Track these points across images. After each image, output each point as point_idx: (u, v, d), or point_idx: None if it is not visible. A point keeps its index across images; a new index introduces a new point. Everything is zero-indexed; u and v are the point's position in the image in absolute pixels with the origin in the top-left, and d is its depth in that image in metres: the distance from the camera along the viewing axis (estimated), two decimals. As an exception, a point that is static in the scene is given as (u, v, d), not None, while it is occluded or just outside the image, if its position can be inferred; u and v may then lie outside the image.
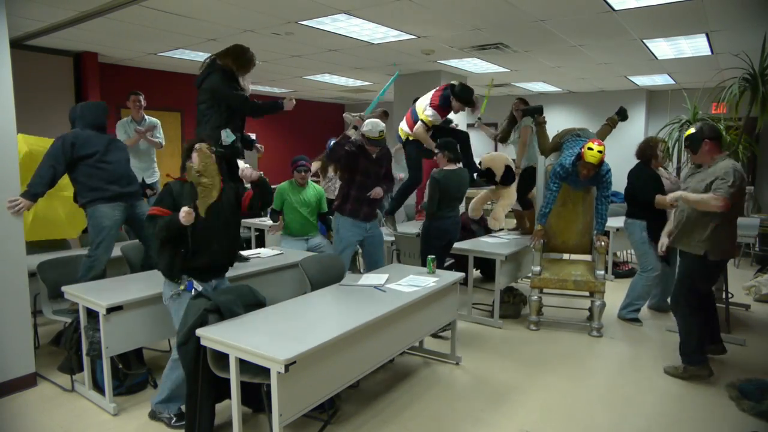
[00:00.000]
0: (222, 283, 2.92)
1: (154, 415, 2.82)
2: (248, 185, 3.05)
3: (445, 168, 4.11)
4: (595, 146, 3.97)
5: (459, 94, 4.19)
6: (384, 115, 7.05)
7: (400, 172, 5.99)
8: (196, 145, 2.73)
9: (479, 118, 5.76)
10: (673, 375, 3.43)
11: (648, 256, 4.38)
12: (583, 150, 4.01)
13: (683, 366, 3.41)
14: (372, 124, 3.77)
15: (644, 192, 4.26)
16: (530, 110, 4.79)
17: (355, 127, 3.85)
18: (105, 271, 3.55)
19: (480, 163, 4.99)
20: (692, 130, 3.36)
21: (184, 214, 2.52)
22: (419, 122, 4.30)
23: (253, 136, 4.74)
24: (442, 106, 4.25)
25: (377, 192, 3.88)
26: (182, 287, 2.71)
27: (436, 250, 3.98)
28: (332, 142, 3.98)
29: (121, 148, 3.71)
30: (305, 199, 4.59)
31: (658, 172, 4.42)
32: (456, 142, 4.21)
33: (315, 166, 5.91)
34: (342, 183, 4.02)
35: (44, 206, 3.83)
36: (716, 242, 3.24)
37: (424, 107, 4.29)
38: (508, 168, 4.99)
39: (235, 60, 3.51)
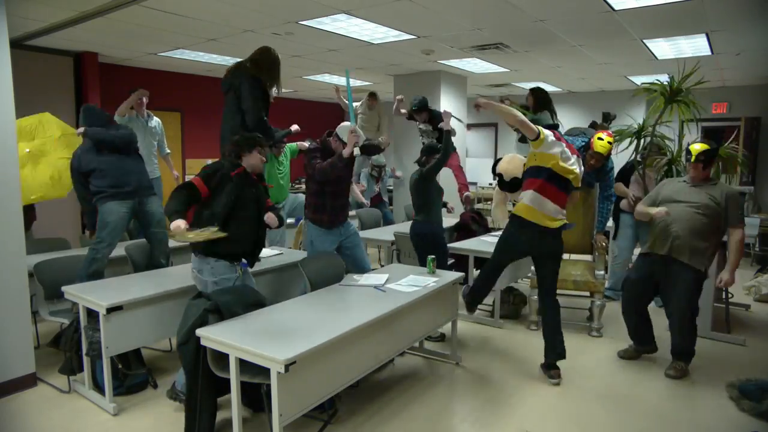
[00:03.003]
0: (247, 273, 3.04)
1: (174, 395, 2.88)
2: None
3: None
4: (606, 137, 3.93)
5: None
6: (373, 98, 7.00)
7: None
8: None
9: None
10: (677, 377, 3.40)
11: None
12: (592, 140, 3.97)
13: (682, 365, 3.44)
14: (343, 129, 3.54)
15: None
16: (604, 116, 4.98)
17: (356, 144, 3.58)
18: (103, 270, 3.57)
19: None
20: (697, 146, 3.38)
21: (178, 226, 2.55)
22: None
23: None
24: None
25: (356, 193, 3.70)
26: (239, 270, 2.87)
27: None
28: (318, 163, 3.54)
29: (130, 142, 3.76)
30: (283, 167, 5.06)
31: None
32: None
33: None
34: (312, 192, 3.64)
35: (30, 171, 4.11)
36: (710, 257, 3.43)
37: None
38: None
39: (266, 70, 3.57)
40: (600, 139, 3.94)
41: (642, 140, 4.63)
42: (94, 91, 6.42)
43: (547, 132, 3.16)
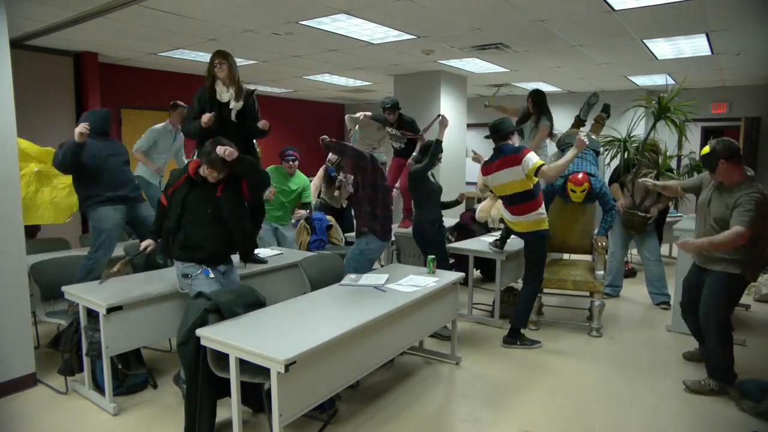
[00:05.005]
0: (231, 270, 3.11)
1: (177, 380, 3.02)
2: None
3: None
4: (578, 189, 4.02)
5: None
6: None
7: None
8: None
9: (486, 105, 5.70)
10: (700, 392, 3.18)
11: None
12: (568, 189, 4.08)
13: (715, 383, 3.17)
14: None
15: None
16: (603, 107, 4.99)
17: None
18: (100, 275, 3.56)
19: None
20: (706, 148, 3.09)
21: (145, 246, 2.99)
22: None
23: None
24: None
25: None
26: (199, 272, 2.88)
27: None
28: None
29: (121, 153, 3.74)
30: (289, 187, 4.82)
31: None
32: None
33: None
34: (363, 202, 3.67)
35: (33, 192, 4.03)
36: (750, 260, 3.04)
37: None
38: None
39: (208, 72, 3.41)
40: (573, 191, 4.04)
41: (627, 151, 4.76)
42: (94, 91, 6.42)
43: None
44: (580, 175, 4.02)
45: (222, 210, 2.94)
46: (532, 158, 3.62)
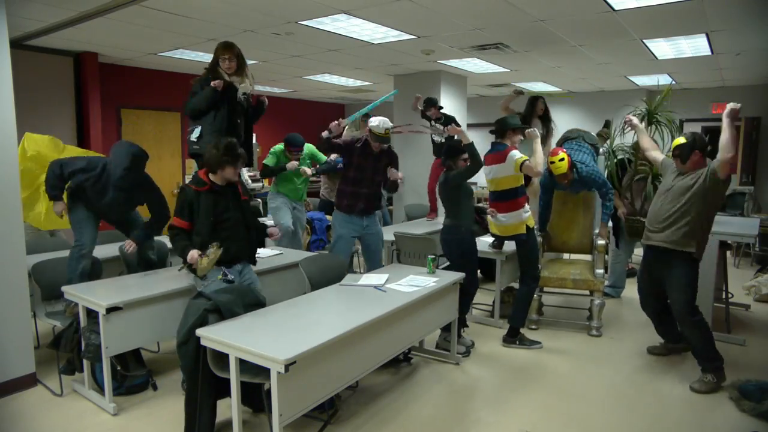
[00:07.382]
0: (246, 267, 3.21)
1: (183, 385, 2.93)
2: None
3: None
4: (556, 158, 4.06)
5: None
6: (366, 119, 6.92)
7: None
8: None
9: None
10: (706, 391, 3.20)
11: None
12: (549, 168, 4.14)
13: (711, 376, 3.23)
14: (380, 121, 3.79)
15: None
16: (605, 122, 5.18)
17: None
18: (101, 269, 3.56)
19: None
20: (682, 139, 3.28)
21: (192, 256, 2.85)
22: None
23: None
24: None
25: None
26: (220, 276, 2.94)
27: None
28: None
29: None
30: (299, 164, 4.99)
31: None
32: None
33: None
34: (346, 182, 3.99)
35: (45, 203, 4.04)
36: (704, 242, 3.31)
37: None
38: None
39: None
40: (552, 162, 4.09)
41: (614, 158, 4.74)
42: (94, 91, 6.41)
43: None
44: (557, 150, 4.11)
45: (245, 211, 3.13)
46: (516, 154, 3.74)
